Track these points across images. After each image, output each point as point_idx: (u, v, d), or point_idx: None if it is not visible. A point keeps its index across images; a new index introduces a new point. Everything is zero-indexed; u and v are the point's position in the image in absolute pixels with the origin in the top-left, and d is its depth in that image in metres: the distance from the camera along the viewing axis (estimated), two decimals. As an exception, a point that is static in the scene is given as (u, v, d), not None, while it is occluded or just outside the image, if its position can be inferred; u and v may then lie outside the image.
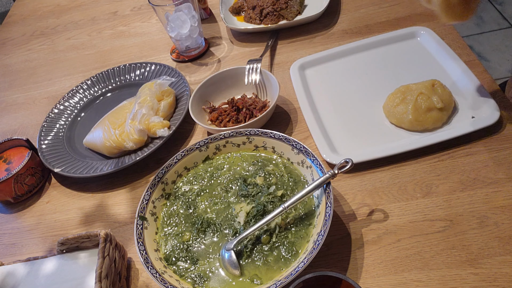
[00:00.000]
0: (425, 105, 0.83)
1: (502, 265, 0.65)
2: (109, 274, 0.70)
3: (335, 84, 0.99)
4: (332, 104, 0.94)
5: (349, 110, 0.92)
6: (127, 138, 0.94)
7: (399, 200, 0.76)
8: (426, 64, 0.96)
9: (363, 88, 0.96)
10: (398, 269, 0.68)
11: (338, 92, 0.97)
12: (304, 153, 0.78)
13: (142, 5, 1.49)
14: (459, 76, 0.91)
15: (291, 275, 0.63)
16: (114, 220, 0.88)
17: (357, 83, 0.97)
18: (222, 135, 0.85)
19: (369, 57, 1.02)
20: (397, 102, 0.86)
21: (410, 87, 0.87)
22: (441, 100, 0.83)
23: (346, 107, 0.93)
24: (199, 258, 0.73)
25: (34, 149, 1.01)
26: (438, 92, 0.85)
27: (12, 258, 0.87)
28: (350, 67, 1.01)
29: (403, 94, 0.86)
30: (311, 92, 0.97)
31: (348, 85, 0.98)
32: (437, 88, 0.86)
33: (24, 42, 1.49)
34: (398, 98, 0.86)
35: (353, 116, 0.91)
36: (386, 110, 0.88)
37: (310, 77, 1.01)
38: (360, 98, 0.94)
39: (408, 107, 0.84)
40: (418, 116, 0.83)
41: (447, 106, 0.84)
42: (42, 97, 1.25)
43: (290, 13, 1.17)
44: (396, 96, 0.87)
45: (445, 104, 0.84)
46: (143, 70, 1.16)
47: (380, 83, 0.95)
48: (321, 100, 0.96)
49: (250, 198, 0.78)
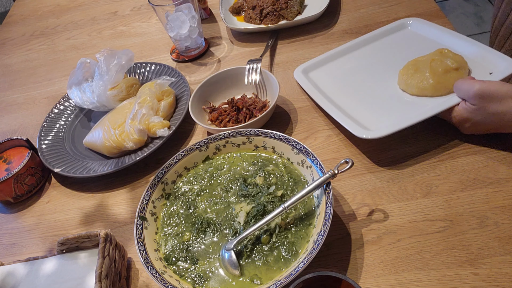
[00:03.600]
0: (441, 68, 0.82)
1: (502, 265, 0.65)
2: (109, 274, 0.70)
3: (344, 79, 0.97)
4: (349, 96, 0.92)
5: (367, 95, 0.91)
6: (127, 138, 0.94)
7: (399, 200, 0.76)
8: (426, 44, 0.96)
9: (372, 75, 0.95)
10: (398, 269, 0.68)
11: (350, 85, 0.95)
12: (304, 153, 0.78)
13: (142, 5, 1.49)
14: (461, 44, 0.91)
15: (291, 275, 0.63)
16: (114, 220, 0.88)
17: (365, 74, 0.96)
18: (222, 135, 0.85)
19: (367, 51, 1.02)
20: (411, 73, 0.85)
21: (419, 60, 0.87)
22: (455, 61, 0.82)
23: (364, 94, 0.91)
24: (199, 258, 0.73)
25: (34, 149, 1.01)
26: (449, 56, 0.84)
27: (12, 258, 0.87)
28: (352, 64, 1.00)
29: (415, 66, 0.86)
30: (324, 91, 0.95)
31: (356, 77, 0.96)
32: (447, 53, 0.85)
33: (24, 42, 1.49)
34: (412, 70, 0.85)
35: (373, 99, 0.89)
36: (403, 84, 0.87)
37: (317, 79, 0.99)
38: (373, 83, 0.93)
39: (425, 73, 0.83)
40: (439, 78, 0.81)
41: (463, 66, 0.83)
42: (42, 97, 1.25)
43: (290, 13, 1.17)
44: (408, 69, 0.86)
45: (460, 64, 0.82)
46: (143, 70, 1.16)
47: (388, 67, 0.95)
48: (336, 95, 0.93)
49: (250, 198, 0.78)
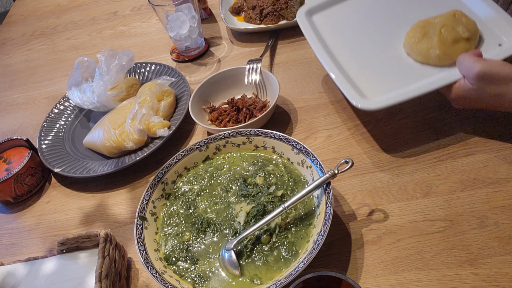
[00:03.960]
0: (451, 37, 0.79)
1: (502, 265, 0.65)
2: (109, 274, 0.70)
3: (347, 29, 0.92)
4: (349, 49, 0.88)
5: (368, 53, 0.87)
6: (127, 138, 0.94)
7: (399, 200, 0.76)
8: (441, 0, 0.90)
9: (378, 31, 0.90)
10: (398, 269, 0.68)
11: (353, 37, 0.91)
12: (304, 153, 0.78)
13: (142, 5, 1.49)
14: (477, 4, 0.86)
15: (291, 275, 0.63)
16: (114, 220, 0.88)
17: (371, 27, 0.92)
18: (222, 135, 0.85)
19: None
20: (418, 37, 0.81)
21: (429, 21, 0.82)
22: (467, 30, 0.79)
23: (365, 51, 0.87)
24: (199, 258, 0.73)
25: (34, 149, 1.01)
26: (462, 22, 0.80)
27: (12, 258, 0.87)
28: (359, 11, 0.95)
29: (423, 29, 0.82)
30: (324, 40, 0.90)
31: (361, 29, 0.92)
32: (460, 18, 0.81)
33: (24, 42, 1.49)
34: (419, 33, 0.82)
35: (374, 59, 0.86)
36: (408, 47, 0.84)
37: (320, 24, 0.94)
38: (377, 39, 0.89)
39: (433, 41, 0.79)
40: (446, 49, 0.79)
41: (474, 36, 0.79)
42: (42, 97, 1.25)
43: (290, 13, 1.17)
44: (416, 31, 0.82)
45: (471, 34, 0.79)
46: (143, 70, 1.16)
47: (395, 22, 0.90)
48: (336, 46, 0.89)
49: (250, 198, 0.78)
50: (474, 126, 0.83)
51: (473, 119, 0.85)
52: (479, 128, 0.83)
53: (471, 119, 0.85)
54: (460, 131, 0.83)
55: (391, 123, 0.89)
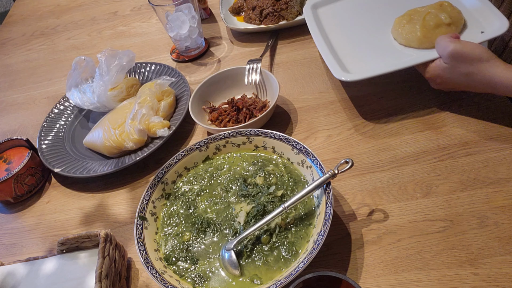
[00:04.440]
0: (433, 22, 0.85)
1: (502, 265, 0.65)
2: (109, 274, 0.70)
3: (346, 19, 1.01)
4: (343, 35, 0.96)
5: (360, 38, 0.95)
6: (127, 138, 0.94)
7: (399, 200, 0.76)
8: None
9: (373, 19, 0.98)
10: (398, 269, 0.68)
11: (349, 25, 0.99)
12: (304, 153, 0.78)
13: (142, 5, 1.49)
14: None
15: (291, 275, 0.63)
16: (114, 220, 0.88)
17: (368, 16, 1.00)
18: (222, 135, 0.85)
19: None
20: (404, 23, 0.88)
21: (417, 10, 0.89)
22: (450, 17, 0.85)
23: (356, 35, 0.96)
24: (199, 258, 0.73)
25: (34, 149, 1.01)
26: (447, 10, 0.86)
27: (12, 258, 0.87)
28: (361, 4, 1.03)
29: (410, 16, 0.89)
30: (324, 28, 0.99)
31: (359, 18, 1.00)
32: (446, 7, 0.87)
33: (24, 42, 1.49)
34: (406, 20, 0.89)
35: (363, 41, 0.94)
36: (394, 32, 0.91)
37: (323, 16, 1.03)
38: (370, 27, 0.97)
39: (416, 25, 0.86)
40: (427, 32, 0.85)
41: (456, 22, 0.85)
42: (42, 97, 1.25)
43: (290, 14, 1.17)
44: (403, 18, 0.89)
45: (454, 20, 0.85)
46: (143, 70, 1.16)
47: (389, 11, 0.97)
48: (333, 32, 0.98)
49: (250, 198, 0.78)
50: (474, 126, 0.84)
51: (473, 119, 0.85)
52: (479, 128, 0.83)
53: (471, 119, 0.85)
54: (460, 131, 0.83)
55: (391, 123, 0.89)
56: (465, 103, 0.88)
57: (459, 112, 0.87)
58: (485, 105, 0.86)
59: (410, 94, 0.93)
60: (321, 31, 0.98)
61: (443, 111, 0.88)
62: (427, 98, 0.91)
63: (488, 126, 0.83)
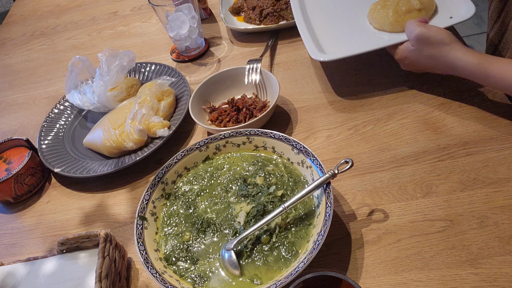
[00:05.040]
0: (405, 7, 0.91)
1: (502, 265, 0.65)
2: (109, 274, 0.70)
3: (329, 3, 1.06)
4: (323, 16, 1.03)
5: (338, 21, 1.01)
6: (127, 138, 0.94)
7: (399, 200, 0.76)
8: None
9: (353, 4, 1.04)
10: (398, 269, 0.68)
11: (331, 9, 1.05)
12: (304, 153, 0.78)
13: (142, 5, 1.49)
14: None
15: (291, 275, 0.63)
16: (114, 220, 0.88)
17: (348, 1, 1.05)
18: (222, 135, 0.85)
19: None
20: (378, 8, 0.94)
21: None
22: (421, 3, 0.90)
23: (336, 19, 1.02)
24: (199, 258, 0.73)
25: (34, 149, 1.01)
26: None
27: (12, 258, 0.87)
28: None
29: (385, 2, 0.94)
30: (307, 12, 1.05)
31: (340, 3, 1.06)
32: None
33: (24, 42, 1.49)
34: (380, 5, 0.95)
35: (341, 25, 1.00)
36: (370, 17, 0.97)
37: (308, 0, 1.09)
38: (349, 10, 1.03)
39: (388, 11, 0.92)
40: (398, 17, 0.90)
41: (427, 8, 0.91)
42: (42, 97, 1.25)
43: (290, 14, 1.17)
44: (378, 3, 0.96)
45: (424, 6, 0.90)
46: (143, 70, 1.16)
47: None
48: (313, 12, 1.05)
49: (250, 198, 0.78)
50: (474, 126, 0.84)
51: (473, 119, 0.85)
52: (479, 128, 0.83)
53: (471, 119, 0.85)
54: (460, 131, 0.83)
55: (391, 123, 0.89)
56: (465, 103, 0.88)
57: (459, 112, 0.87)
58: (485, 105, 0.86)
59: (410, 94, 0.93)
60: (303, 14, 1.03)
61: (443, 111, 0.88)
62: (427, 97, 0.91)
63: (488, 126, 0.83)
